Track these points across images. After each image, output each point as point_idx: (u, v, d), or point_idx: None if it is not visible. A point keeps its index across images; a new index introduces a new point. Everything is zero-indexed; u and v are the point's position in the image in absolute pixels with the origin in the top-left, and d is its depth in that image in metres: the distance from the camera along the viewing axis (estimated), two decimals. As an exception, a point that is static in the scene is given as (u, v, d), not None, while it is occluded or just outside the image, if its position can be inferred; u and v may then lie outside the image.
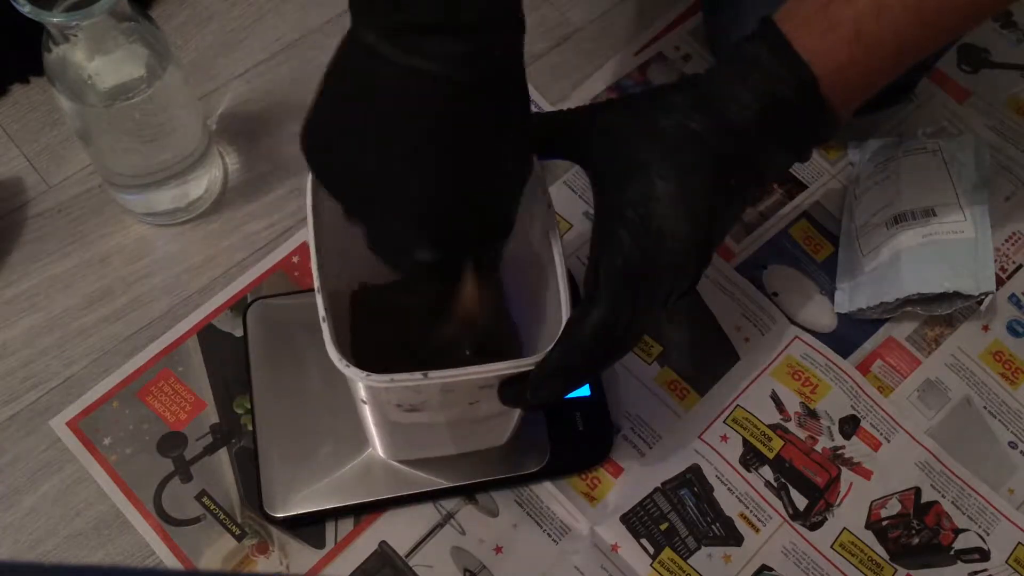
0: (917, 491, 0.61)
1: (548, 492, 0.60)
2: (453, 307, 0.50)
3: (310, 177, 0.48)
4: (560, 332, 0.46)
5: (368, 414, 0.52)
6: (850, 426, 0.63)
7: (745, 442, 0.62)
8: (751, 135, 0.47)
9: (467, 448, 0.58)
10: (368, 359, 0.54)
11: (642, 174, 0.46)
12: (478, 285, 0.49)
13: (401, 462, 0.59)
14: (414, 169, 0.42)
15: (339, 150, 0.43)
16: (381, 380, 0.45)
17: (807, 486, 0.61)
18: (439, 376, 0.45)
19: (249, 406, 0.60)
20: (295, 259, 0.66)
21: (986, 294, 0.62)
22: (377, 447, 0.58)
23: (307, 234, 0.48)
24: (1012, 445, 0.63)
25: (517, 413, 0.54)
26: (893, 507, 0.61)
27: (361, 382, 0.45)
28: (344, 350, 0.46)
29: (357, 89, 0.42)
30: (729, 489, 0.61)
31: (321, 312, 0.46)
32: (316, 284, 0.47)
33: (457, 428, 0.54)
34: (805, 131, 0.49)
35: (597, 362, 0.47)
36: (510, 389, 0.48)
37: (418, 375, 0.45)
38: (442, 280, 0.48)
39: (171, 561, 0.57)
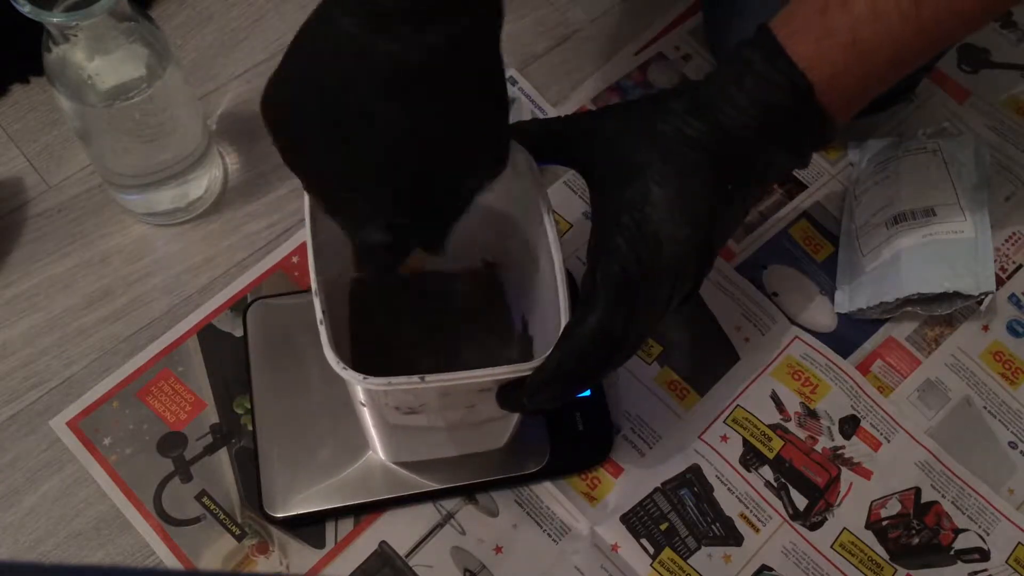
0: (917, 491, 0.61)
1: (548, 492, 0.60)
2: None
3: None
4: (558, 338, 0.46)
5: (367, 416, 0.52)
6: (850, 426, 0.63)
7: (745, 442, 0.62)
8: (749, 140, 0.47)
9: (466, 450, 0.58)
10: (367, 353, 0.54)
11: (639, 179, 0.46)
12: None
13: (400, 464, 0.59)
14: (377, 153, 0.41)
15: (303, 125, 0.43)
16: (379, 383, 0.45)
17: (807, 486, 0.61)
18: (436, 380, 0.45)
19: (249, 406, 0.60)
20: (295, 259, 0.66)
21: (986, 294, 0.62)
22: (377, 449, 0.58)
23: (305, 235, 0.48)
24: (1012, 445, 0.63)
25: (516, 416, 0.54)
26: (893, 507, 0.61)
27: (359, 385, 0.45)
28: (342, 352, 0.45)
29: (320, 64, 0.41)
30: (729, 489, 0.61)
31: (319, 315, 0.46)
32: (313, 287, 0.47)
33: (456, 431, 0.54)
34: (803, 136, 0.48)
35: (594, 369, 0.47)
36: (508, 393, 0.47)
37: (415, 378, 0.45)
38: (393, 257, 0.47)
39: (171, 561, 0.57)
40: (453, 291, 0.58)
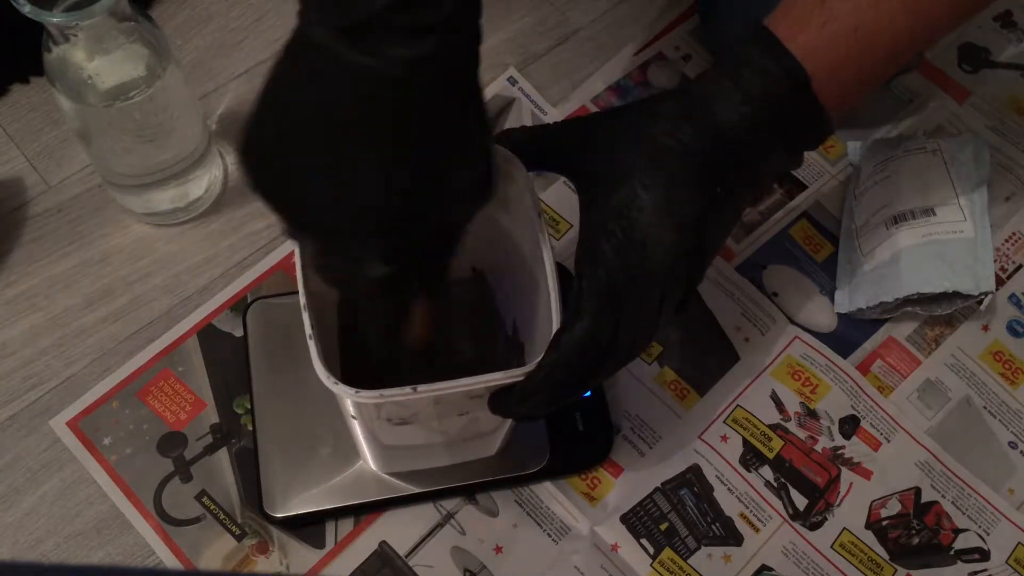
0: (917, 491, 0.61)
1: (548, 492, 0.60)
2: (404, 330, 0.50)
3: None
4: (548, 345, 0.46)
5: (358, 429, 0.52)
6: (850, 426, 0.63)
7: (745, 442, 0.62)
8: (741, 139, 0.47)
9: (457, 459, 0.58)
10: (356, 365, 0.54)
11: (626, 184, 0.46)
12: (427, 304, 0.49)
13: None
14: (362, 175, 0.39)
15: (283, 157, 0.40)
16: (371, 396, 0.44)
17: (807, 486, 0.61)
18: (428, 389, 0.45)
19: (249, 406, 0.60)
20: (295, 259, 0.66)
21: (986, 294, 0.62)
22: (369, 461, 0.58)
23: (294, 250, 0.48)
24: (1012, 445, 0.63)
25: (508, 423, 0.54)
26: (893, 507, 0.61)
27: (350, 399, 0.45)
28: (332, 366, 0.45)
29: (303, 90, 0.39)
30: (729, 489, 0.61)
31: (308, 331, 0.45)
32: (302, 302, 0.46)
33: (447, 440, 0.54)
34: (797, 132, 0.48)
35: (583, 377, 0.47)
36: (500, 399, 0.47)
37: (407, 389, 0.44)
38: (392, 297, 0.47)
39: (171, 561, 0.57)
40: (441, 300, 0.58)
